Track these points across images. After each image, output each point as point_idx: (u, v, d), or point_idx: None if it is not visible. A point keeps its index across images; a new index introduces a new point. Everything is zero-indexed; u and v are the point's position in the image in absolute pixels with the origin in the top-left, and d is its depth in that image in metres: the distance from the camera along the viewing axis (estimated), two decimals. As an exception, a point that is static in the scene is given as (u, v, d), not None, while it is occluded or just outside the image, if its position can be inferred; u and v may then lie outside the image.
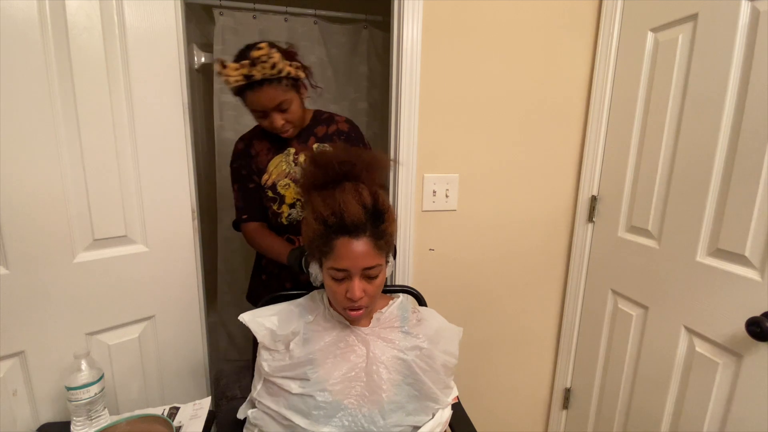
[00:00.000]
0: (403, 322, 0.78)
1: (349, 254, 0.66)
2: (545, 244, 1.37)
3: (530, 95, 1.24)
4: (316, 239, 0.69)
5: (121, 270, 0.94)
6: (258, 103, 0.94)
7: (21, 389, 0.85)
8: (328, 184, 0.71)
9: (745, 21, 0.85)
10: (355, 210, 0.66)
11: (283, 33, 1.82)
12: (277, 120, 0.97)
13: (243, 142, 1.12)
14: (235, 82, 0.89)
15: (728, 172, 0.89)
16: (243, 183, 1.10)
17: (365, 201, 0.68)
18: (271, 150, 1.09)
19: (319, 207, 0.69)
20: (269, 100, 0.93)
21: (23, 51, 0.76)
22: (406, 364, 0.73)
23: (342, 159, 0.71)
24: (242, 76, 0.89)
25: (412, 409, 0.72)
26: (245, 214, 1.10)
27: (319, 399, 0.68)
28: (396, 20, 1.12)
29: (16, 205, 0.79)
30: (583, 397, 1.38)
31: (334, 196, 0.68)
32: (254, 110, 0.97)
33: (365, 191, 0.70)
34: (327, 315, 0.77)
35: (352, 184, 0.70)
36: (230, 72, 0.89)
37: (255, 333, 0.75)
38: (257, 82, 0.90)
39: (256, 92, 0.92)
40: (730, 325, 0.88)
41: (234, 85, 0.91)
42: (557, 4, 1.20)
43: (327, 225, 0.67)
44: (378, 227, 0.68)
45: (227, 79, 0.90)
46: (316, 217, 0.69)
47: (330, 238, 0.67)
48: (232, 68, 0.89)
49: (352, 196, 0.67)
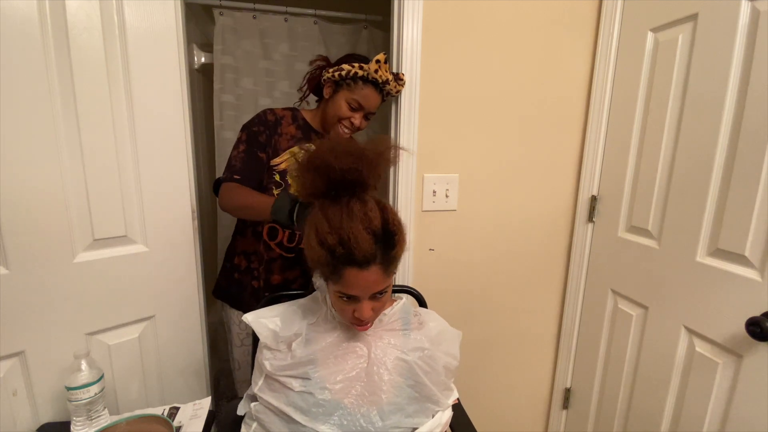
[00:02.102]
0: (405, 324, 0.78)
1: (358, 284, 0.63)
2: (545, 244, 1.37)
3: (530, 95, 1.24)
4: (321, 264, 0.64)
5: (121, 270, 0.94)
6: (368, 100, 1.06)
7: (21, 389, 0.85)
8: (330, 194, 0.66)
9: (745, 21, 0.85)
10: (365, 242, 0.61)
11: (283, 33, 1.82)
12: (362, 121, 1.08)
13: (274, 115, 1.08)
14: (380, 77, 1.04)
15: (728, 172, 0.89)
16: (254, 148, 1.04)
17: (375, 227, 0.63)
18: (294, 138, 1.09)
19: (323, 231, 0.62)
20: (375, 105, 1.09)
21: (23, 51, 0.76)
22: (408, 366, 0.72)
23: (346, 166, 0.64)
24: (385, 78, 1.05)
25: (412, 411, 0.72)
26: (238, 176, 1.00)
27: (319, 397, 0.68)
28: (396, 20, 1.12)
29: (16, 205, 0.79)
30: (583, 397, 1.38)
31: (341, 221, 0.62)
32: (357, 101, 1.05)
33: (374, 211, 0.64)
34: (329, 316, 0.77)
35: (359, 204, 0.64)
36: (384, 69, 1.05)
37: (258, 333, 0.75)
38: (380, 88, 1.06)
39: (375, 93, 1.07)
40: (730, 325, 0.88)
41: (373, 77, 1.03)
42: (557, 4, 1.20)
43: (334, 255, 0.62)
44: (389, 253, 0.64)
45: (377, 70, 1.03)
46: (320, 241, 0.63)
47: (337, 267, 0.62)
48: (386, 68, 1.05)
49: (360, 224, 0.61)
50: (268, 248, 1.09)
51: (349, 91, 1.05)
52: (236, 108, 1.84)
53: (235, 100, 1.84)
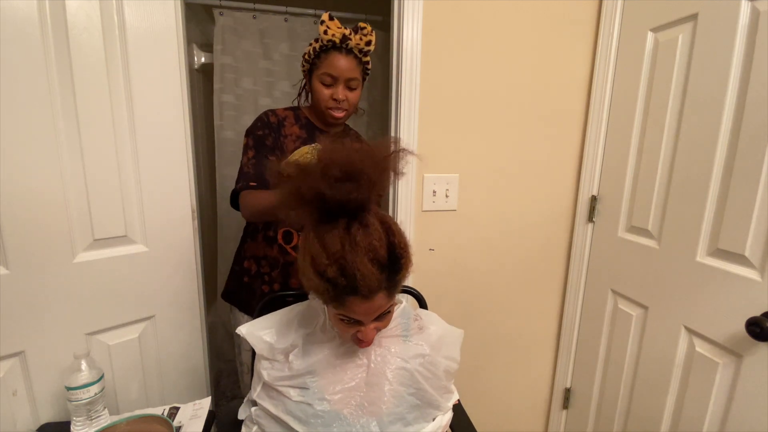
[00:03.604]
0: (405, 329, 0.76)
1: (361, 311, 0.60)
2: (545, 244, 1.37)
3: (530, 95, 1.24)
4: (320, 293, 0.59)
5: (121, 270, 0.94)
6: (338, 67, 0.98)
7: (21, 389, 0.85)
8: (324, 220, 0.59)
9: (745, 21, 0.85)
10: (371, 276, 0.55)
11: (283, 33, 1.82)
12: (342, 92, 1.01)
13: (276, 117, 1.07)
14: (331, 35, 0.95)
15: (728, 172, 0.89)
16: (263, 152, 1.02)
17: (381, 257, 0.57)
18: (299, 138, 1.07)
19: (321, 262, 0.56)
20: (349, 69, 0.99)
21: (23, 51, 0.76)
22: (409, 374, 0.71)
23: (344, 196, 0.55)
24: (341, 34, 0.96)
25: (412, 418, 0.71)
26: (254, 182, 0.99)
27: (318, 408, 0.66)
28: (396, 20, 1.12)
29: (17, 205, 0.79)
30: (583, 397, 1.38)
31: (342, 252, 0.55)
32: (327, 74, 1.00)
33: (379, 239, 0.58)
34: (327, 325, 0.75)
35: (362, 232, 0.57)
36: (332, 26, 0.95)
37: (254, 346, 0.74)
38: (345, 50, 0.98)
39: (341, 56, 0.99)
40: (730, 325, 0.88)
41: (328, 39, 0.96)
42: (557, 4, 1.20)
43: (336, 286, 0.56)
44: (394, 278, 0.59)
45: (326, 30, 0.95)
46: (318, 273, 0.57)
47: (339, 296, 0.57)
48: (335, 24, 0.96)
49: (365, 256, 0.55)
50: (284, 252, 1.08)
51: (317, 69, 1.01)
52: (236, 108, 1.84)
53: (235, 100, 1.84)
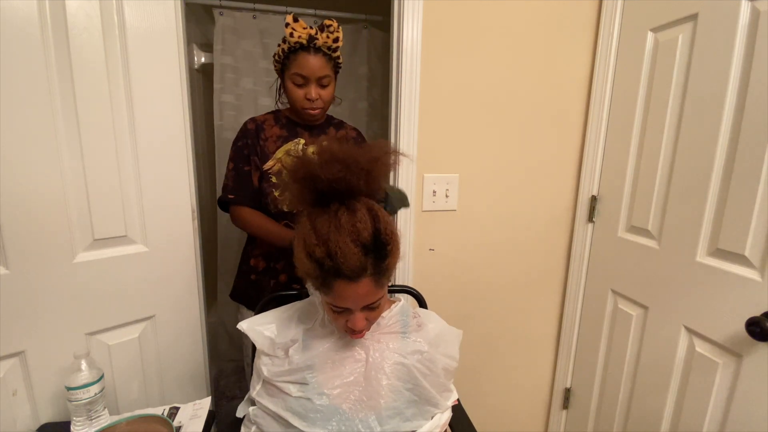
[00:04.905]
0: (403, 326, 0.77)
1: (349, 296, 0.62)
2: (545, 244, 1.37)
3: (530, 95, 1.24)
4: (311, 276, 0.62)
5: (121, 270, 0.94)
6: (308, 66, 0.99)
7: (21, 389, 0.85)
8: (320, 202, 0.64)
9: (745, 21, 0.85)
10: (352, 256, 0.58)
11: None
12: (314, 91, 1.02)
13: (255, 123, 1.10)
14: (297, 37, 0.96)
15: (728, 172, 0.89)
16: (240, 164, 1.09)
17: (364, 239, 0.59)
18: (281, 138, 1.09)
19: (311, 243, 0.60)
20: (319, 68, 1.00)
21: (23, 51, 0.76)
22: (407, 369, 0.72)
23: (333, 175, 0.60)
24: (307, 35, 0.97)
25: (411, 414, 0.71)
26: (232, 195, 1.08)
27: (317, 402, 0.67)
28: (396, 20, 1.12)
29: (16, 205, 0.79)
30: (583, 397, 1.38)
31: (328, 233, 0.59)
32: (298, 75, 1.01)
33: (364, 221, 0.61)
34: (326, 320, 0.76)
35: (348, 214, 0.61)
36: (298, 27, 0.96)
37: (254, 341, 0.74)
38: (314, 48, 0.99)
39: (309, 56, 0.99)
40: (730, 325, 0.88)
41: (294, 41, 0.97)
42: (557, 4, 1.20)
43: (322, 268, 0.60)
44: (380, 265, 0.61)
45: (292, 33, 0.96)
46: (308, 254, 0.61)
47: (327, 279, 0.61)
48: (300, 25, 0.96)
49: (348, 236, 0.59)
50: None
51: (288, 69, 1.03)
52: (236, 108, 1.84)
53: (235, 100, 1.84)
